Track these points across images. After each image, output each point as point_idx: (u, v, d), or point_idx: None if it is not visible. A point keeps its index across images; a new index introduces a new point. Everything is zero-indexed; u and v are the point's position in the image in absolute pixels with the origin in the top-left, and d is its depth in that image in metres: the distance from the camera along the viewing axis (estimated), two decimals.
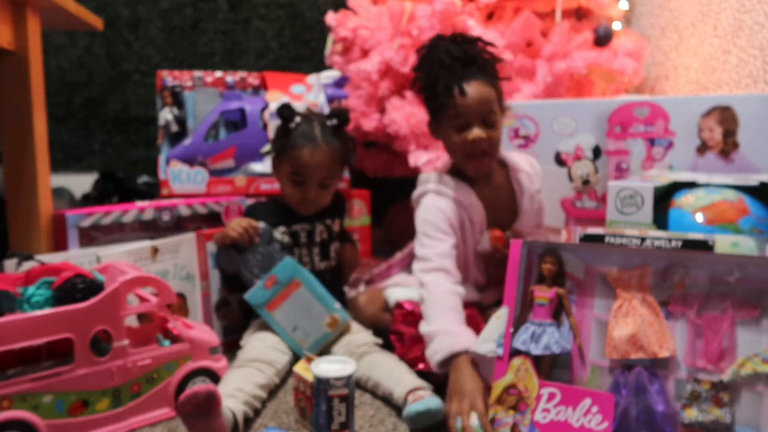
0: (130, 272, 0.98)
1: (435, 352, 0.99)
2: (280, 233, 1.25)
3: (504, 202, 1.23)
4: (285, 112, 1.22)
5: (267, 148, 1.59)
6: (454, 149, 1.16)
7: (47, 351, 0.97)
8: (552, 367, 0.88)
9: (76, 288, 0.92)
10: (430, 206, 1.17)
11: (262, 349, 1.11)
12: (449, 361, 0.96)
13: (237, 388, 0.97)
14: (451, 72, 1.11)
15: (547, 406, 0.83)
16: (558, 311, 0.89)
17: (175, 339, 1.03)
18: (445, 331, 1.00)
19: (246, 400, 0.96)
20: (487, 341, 0.91)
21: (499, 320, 0.91)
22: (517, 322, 0.89)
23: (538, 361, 0.87)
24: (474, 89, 1.11)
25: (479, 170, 1.17)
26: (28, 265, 1.02)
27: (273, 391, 1.08)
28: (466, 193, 1.17)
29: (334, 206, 1.32)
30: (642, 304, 0.83)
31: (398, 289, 1.24)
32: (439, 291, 1.07)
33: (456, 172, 1.21)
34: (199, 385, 0.83)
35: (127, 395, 0.95)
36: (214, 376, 1.03)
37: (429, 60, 1.15)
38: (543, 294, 0.89)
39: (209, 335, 1.06)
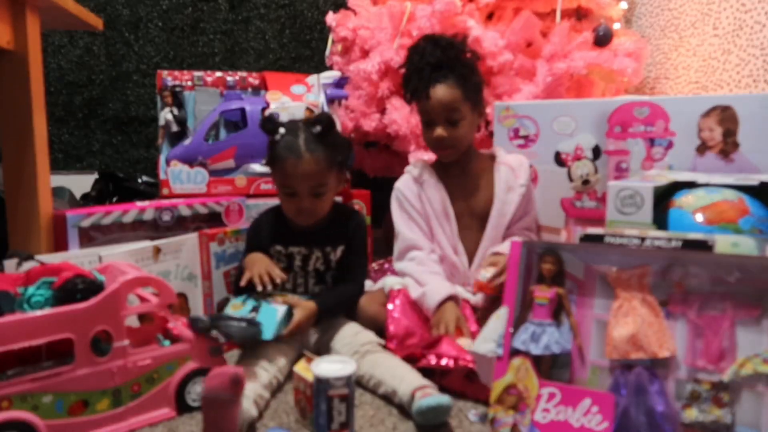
0: (130, 272, 0.97)
1: (430, 302, 1.18)
2: (275, 252, 1.24)
3: (480, 189, 1.33)
4: (268, 125, 1.19)
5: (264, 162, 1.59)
6: (425, 141, 1.33)
7: (47, 351, 0.97)
8: (552, 367, 0.88)
9: (77, 288, 0.92)
10: (394, 189, 1.35)
11: (266, 348, 1.11)
12: (440, 306, 1.17)
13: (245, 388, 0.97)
14: (420, 76, 1.26)
15: (547, 406, 0.83)
16: (558, 311, 0.89)
17: (175, 339, 1.03)
18: (434, 285, 1.20)
19: (255, 400, 0.97)
20: (487, 341, 0.91)
21: (498, 320, 0.91)
22: (517, 321, 0.89)
23: (538, 361, 0.87)
24: (439, 92, 1.24)
25: (446, 158, 1.33)
26: (28, 265, 1.02)
27: (275, 391, 1.08)
28: (429, 173, 1.33)
29: (342, 228, 1.25)
30: (642, 304, 0.83)
31: (394, 278, 1.31)
32: (418, 266, 1.27)
33: (437, 162, 1.37)
34: (228, 367, 0.85)
35: (127, 395, 0.94)
36: None
37: (408, 63, 1.31)
38: (543, 294, 0.89)
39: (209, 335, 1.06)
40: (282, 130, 1.18)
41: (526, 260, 0.91)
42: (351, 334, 1.17)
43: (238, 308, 1.11)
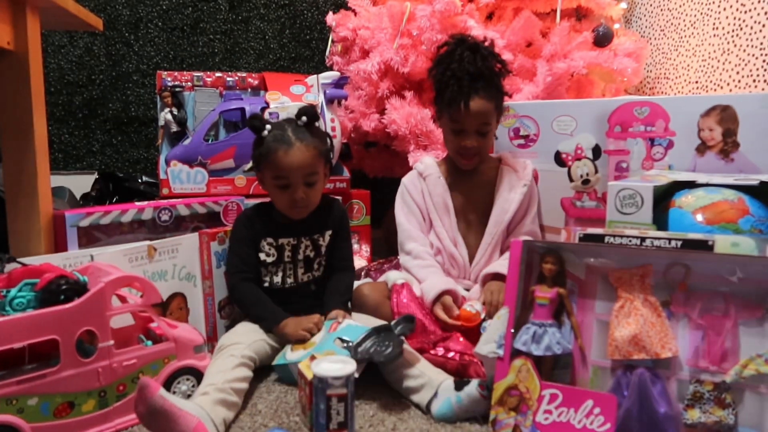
0: (113, 272, 0.97)
1: (427, 298, 1.21)
2: (267, 244, 1.24)
3: (484, 188, 1.36)
4: (255, 122, 1.21)
5: (249, 165, 1.60)
6: (449, 146, 1.34)
7: (30, 354, 0.95)
8: (553, 368, 0.87)
9: (60, 289, 0.91)
10: (401, 183, 1.39)
11: (231, 336, 1.13)
12: (438, 298, 1.20)
13: (208, 383, 0.96)
14: (459, 85, 1.25)
15: (549, 407, 0.83)
16: (559, 311, 0.88)
17: (157, 339, 1.02)
18: (429, 283, 1.23)
19: (218, 397, 0.94)
20: (489, 342, 0.91)
21: (499, 320, 0.90)
22: (518, 322, 0.89)
23: (539, 362, 0.86)
24: (475, 104, 1.25)
25: (469, 166, 1.34)
26: (9, 267, 1.01)
27: (263, 377, 1.08)
28: (433, 169, 1.36)
29: (327, 215, 1.29)
30: (644, 304, 0.83)
31: (397, 272, 1.33)
32: (414, 260, 1.31)
33: (444, 160, 1.41)
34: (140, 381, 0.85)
35: (113, 396, 0.94)
36: (199, 375, 1.03)
37: (444, 64, 1.28)
38: (544, 294, 0.89)
39: (193, 334, 1.05)
40: (269, 126, 1.21)
41: (526, 260, 0.91)
42: (364, 323, 1.18)
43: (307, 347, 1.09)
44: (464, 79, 1.24)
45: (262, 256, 1.24)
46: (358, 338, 1.05)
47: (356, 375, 1.01)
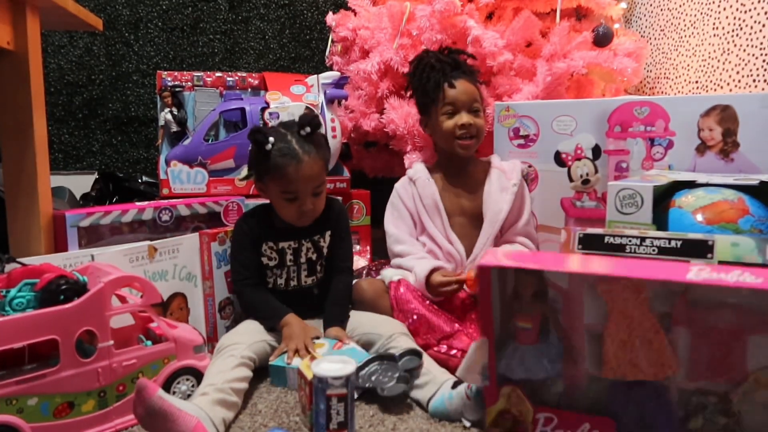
0: (113, 272, 0.97)
1: (420, 275, 1.23)
2: (267, 248, 1.25)
3: (474, 191, 1.37)
4: (258, 136, 1.17)
5: (244, 173, 1.60)
6: (445, 134, 1.34)
7: (29, 354, 0.96)
8: (543, 383, 0.84)
9: (60, 289, 0.91)
10: (393, 189, 1.42)
11: (231, 336, 1.12)
12: (428, 279, 1.23)
13: (207, 384, 0.96)
14: (441, 72, 1.34)
15: (545, 429, 0.81)
16: (544, 330, 0.83)
17: (157, 339, 1.02)
18: (417, 268, 1.26)
19: (217, 397, 0.94)
20: (471, 372, 0.86)
21: (479, 350, 0.85)
22: (500, 343, 0.84)
23: (528, 384, 0.83)
24: (461, 84, 1.34)
25: (467, 150, 1.34)
26: (8, 267, 1.00)
27: (263, 377, 1.09)
28: (423, 172, 1.38)
29: (326, 215, 1.27)
30: (639, 320, 0.76)
31: (393, 270, 1.34)
32: (404, 257, 1.34)
33: (434, 165, 1.42)
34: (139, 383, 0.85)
35: (112, 396, 0.94)
36: (199, 375, 1.03)
37: (420, 66, 1.38)
38: (526, 318, 0.83)
39: (193, 334, 1.05)
40: (272, 138, 1.17)
41: (499, 282, 0.83)
42: (366, 322, 1.19)
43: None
44: (445, 68, 1.35)
45: (264, 260, 1.24)
46: (360, 362, 1.04)
47: (355, 396, 1.02)
